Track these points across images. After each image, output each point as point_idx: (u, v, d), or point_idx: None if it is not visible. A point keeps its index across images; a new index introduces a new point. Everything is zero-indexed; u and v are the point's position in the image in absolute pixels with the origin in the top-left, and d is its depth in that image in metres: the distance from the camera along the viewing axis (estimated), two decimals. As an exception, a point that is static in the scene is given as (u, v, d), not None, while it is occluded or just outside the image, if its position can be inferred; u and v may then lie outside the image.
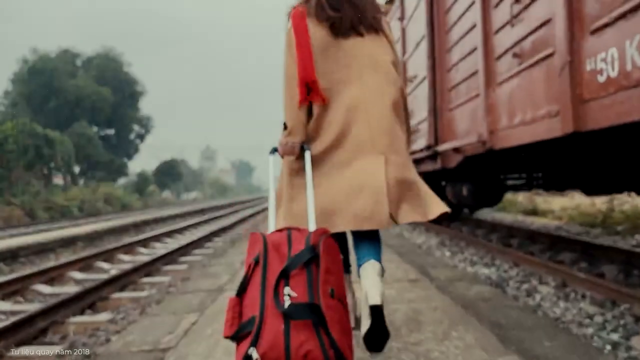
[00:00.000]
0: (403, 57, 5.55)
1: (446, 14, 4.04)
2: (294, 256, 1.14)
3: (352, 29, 1.54)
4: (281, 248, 1.19)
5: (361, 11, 1.55)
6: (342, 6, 1.53)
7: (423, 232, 7.06)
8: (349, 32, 1.54)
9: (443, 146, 4.01)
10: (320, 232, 1.24)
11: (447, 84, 4.06)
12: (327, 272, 1.15)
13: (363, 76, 1.53)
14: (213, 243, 7.34)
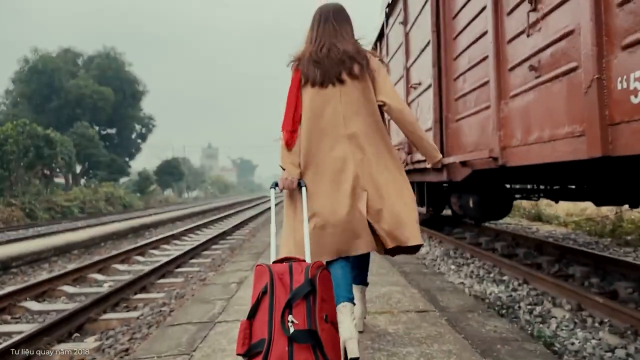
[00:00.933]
0: (406, 63, 5.33)
1: (453, 20, 3.83)
2: (296, 289, 1.38)
3: (336, 78, 1.81)
4: (284, 278, 1.42)
5: (342, 63, 1.81)
6: (324, 60, 1.81)
7: (426, 239, 6.86)
8: (333, 81, 1.81)
9: (450, 159, 3.80)
10: (316, 265, 1.47)
11: (453, 93, 3.86)
12: (323, 301, 1.41)
13: (346, 120, 1.79)
14: (211, 251, 7.16)
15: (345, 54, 1.82)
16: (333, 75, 1.81)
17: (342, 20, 1.93)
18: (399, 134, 6.00)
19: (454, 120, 3.87)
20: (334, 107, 1.81)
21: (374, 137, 1.82)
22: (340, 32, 1.89)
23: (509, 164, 2.84)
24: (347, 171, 1.76)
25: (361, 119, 1.80)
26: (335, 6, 1.97)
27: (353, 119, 1.80)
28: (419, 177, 5.22)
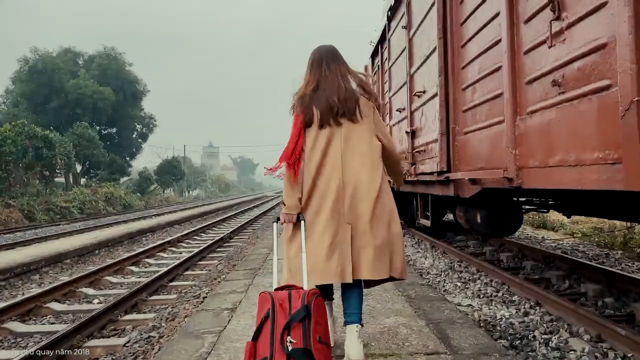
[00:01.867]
0: (409, 69, 5.08)
1: (461, 26, 3.58)
2: (294, 313, 1.63)
3: (333, 120, 1.96)
4: (284, 304, 1.66)
5: (339, 106, 1.95)
6: (323, 104, 1.95)
7: (429, 251, 6.62)
8: (330, 123, 1.96)
9: (457, 174, 3.56)
10: (312, 292, 1.72)
11: (462, 104, 3.61)
12: (317, 324, 1.66)
13: (344, 159, 1.96)
14: (207, 262, 6.92)
15: (343, 97, 1.96)
16: (332, 117, 1.95)
17: (337, 61, 2.06)
18: (401, 143, 5.76)
19: (462, 133, 3.63)
20: (335, 147, 1.96)
21: (370, 173, 1.98)
22: (336, 74, 2.02)
23: (526, 185, 2.60)
24: (343, 206, 1.96)
25: (358, 157, 1.98)
26: (329, 49, 2.10)
27: (352, 158, 1.97)
28: (422, 189, 4.98)
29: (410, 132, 4.99)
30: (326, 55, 2.06)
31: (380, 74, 7.50)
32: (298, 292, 1.71)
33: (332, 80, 1.99)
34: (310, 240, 1.95)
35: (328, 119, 1.95)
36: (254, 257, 5.42)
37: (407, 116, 5.23)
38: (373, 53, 8.15)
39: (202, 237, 10.32)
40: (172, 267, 5.94)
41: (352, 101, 1.98)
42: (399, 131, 5.84)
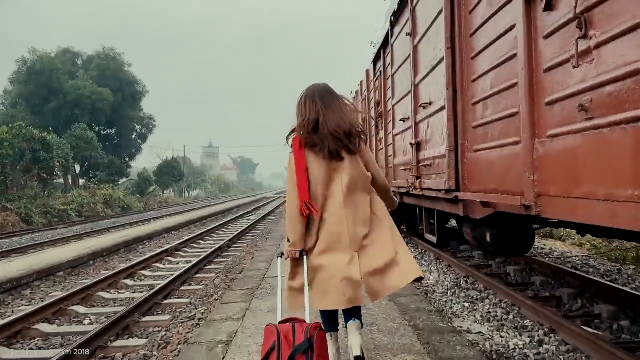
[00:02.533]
0: (414, 78, 4.87)
1: (471, 37, 3.36)
2: (297, 345, 1.76)
3: (336, 154, 2.04)
4: (288, 337, 1.80)
5: (341, 141, 2.03)
6: (327, 138, 2.01)
7: (433, 263, 6.40)
8: (333, 157, 2.04)
9: (467, 195, 3.34)
10: (314, 326, 1.84)
11: (472, 119, 3.40)
12: (319, 356, 1.78)
13: (345, 192, 2.05)
14: (204, 275, 6.71)
15: (346, 131, 2.06)
16: (332, 151, 2.04)
17: (333, 97, 2.13)
18: (405, 154, 5.55)
19: (472, 150, 3.41)
20: (336, 181, 2.07)
21: (368, 202, 2.13)
22: (335, 109, 2.09)
23: (546, 215, 2.39)
24: (349, 236, 2.05)
25: (357, 188, 2.10)
26: (322, 86, 2.18)
27: (352, 191, 2.07)
28: (428, 204, 4.77)
29: (415, 144, 4.78)
30: (320, 92, 2.13)
31: (382, 79, 7.29)
32: (301, 326, 1.85)
33: (332, 115, 2.05)
34: (320, 269, 2.06)
35: (331, 152, 2.03)
36: (252, 274, 5.21)
37: (411, 127, 5.01)
38: (375, 58, 7.94)
39: (200, 245, 10.11)
40: (167, 282, 5.73)
41: (354, 135, 2.08)
42: (403, 141, 5.63)
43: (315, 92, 2.12)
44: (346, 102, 2.15)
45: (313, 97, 2.10)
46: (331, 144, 2.01)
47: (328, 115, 2.05)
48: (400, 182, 5.76)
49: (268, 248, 7.22)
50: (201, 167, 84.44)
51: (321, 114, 2.05)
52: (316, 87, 2.17)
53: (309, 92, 2.14)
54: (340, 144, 2.03)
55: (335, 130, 2.02)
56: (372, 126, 8.96)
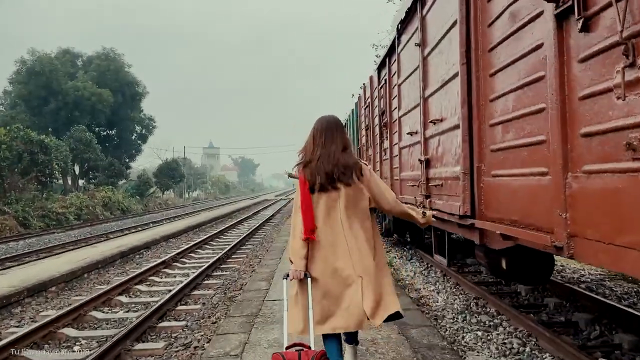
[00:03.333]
0: (423, 91, 4.61)
1: (490, 53, 3.11)
2: None
3: (331, 186, 2.24)
4: None
5: (336, 175, 2.24)
6: (321, 173, 2.24)
7: (440, 281, 6.14)
8: (330, 188, 2.24)
9: (486, 225, 3.09)
10: (320, 354, 2.01)
11: (489, 142, 3.14)
12: None
13: (343, 219, 2.24)
14: (201, 291, 6.46)
15: (342, 165, 2.24)
16: (332, 183, 2.23)
17: (338, 132, 2.35)
18: (413, 169, 5.30)
19: (489, 174, 3.16)
20: (336, 210, 2.24)
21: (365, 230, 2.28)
22: (336, 145, 2.30)
23: (581, 259, 2.14)
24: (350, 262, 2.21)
25: (356, 218, 2.26)
26: (330, 120, 2.40)
27: (350, 218, 2.24)
28: (438, 224, 4.51)
29: (424, 160, 4.52)
30: (327, 126, 2.35)
31: (387, 88, 7.04)
32: (307, 354, 1.98)
33: (331, 152, 2.27)
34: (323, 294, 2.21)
35: (328, 185, 2.23)
36: (251, 295, 4.96)
37: (420, 142, 4.76)
38: (380, 65, 7.69)
39: (198, 255, 9.86)
40: (163, 301, 5.47)
41: (349, 169, 2.25)
42: (410, 156, 5.37)
43: (323, 128, 2.35)
44: (345, 138, 2.37)
45: (322, 132, 2.34)
46: (323, 179, 2.22)
47: (324, 153, 2.27)
48: (407, 197, 5.51)
49: (268, 263, 6.96)
50: (201, 167, 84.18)
51: (319, 151, 2.28)
52: (323, 121, 2.40)
53: (318, 126, 2.38)
54: (333, 178, 2.23)
55: (328, 168, 2.23)
56: (376, 134, 8.71)
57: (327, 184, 2.23)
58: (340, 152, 2.28)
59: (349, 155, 2.30)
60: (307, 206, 2.22)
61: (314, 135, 2.36)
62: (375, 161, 8.79)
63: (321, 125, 2.36)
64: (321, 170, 2.24)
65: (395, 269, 7.02)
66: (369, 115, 9.44)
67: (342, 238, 2.22)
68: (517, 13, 2.73)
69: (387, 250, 8.91)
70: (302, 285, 2.24)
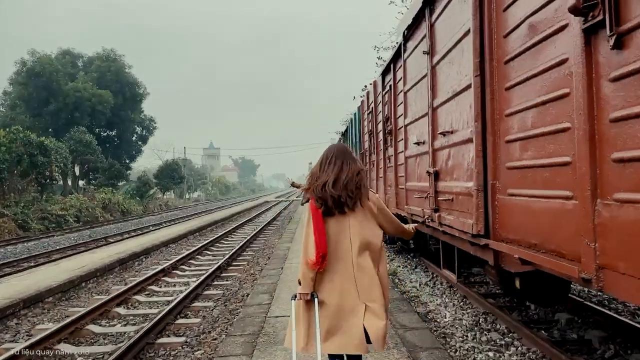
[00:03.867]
0: (432, 101, 4.45)
1: (507, 65, 2.95)
2: None
3: (339, 210, 2.32)
4: None
5: (343, 200, 2.30)
6: (329, 198, 2.30)
7: (447, 294, 5.98)
8: (337, 212, 2.32)
9: (503, 247, 2.93)
10: None
11: (505, 159, 2.98)
12: None
13: (350, 242, 2.31)
14: (201, 303, 6.30)
15: (350, 191, 2.31)
16: (340, 207, 2.29)
17: (347, 159, 2.40)
18: (420, 179, 5.14)
19: (504, 193, 3.00)
20: (344, 234, 2.30)
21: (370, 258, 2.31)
22: (346, 169, 2.35)
23: (612, 293, 1.98)
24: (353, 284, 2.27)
25: (363, 243, 2.30)
26: (340, 148, 2.48)
27: (357, 243, 2.29)
28: (447, 239, 4.35)
29: (433, 173, 4.36)
30: (337, 153, 2.43)
31: (392, 94, 6.88)
32: None
33: (340, 177, 2.33)
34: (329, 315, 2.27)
35: (336, 210, 2.30)
36: (253, 310, 4.80)
37: (428, 153, 4.60)
38: (384, 71, 7.53)
39: (198, 261, 9.71)
40: (163, 315, 5.31)
41: (357, 195, 2.33)
42: (417, 166, 5.21)
43: (331, 155, 2.43)
44: (355, 165, 2.40)
45: (327, 161, 2.42)
46: (331, 203, 2.29)
47: (333, 178, 2.33)
48: (414, 209, 5.35)
49: (270, 273, 6.80)
50: (202, 168, 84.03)
51: (329, 177, 2.34)
52: (333, 148, 2.50)
53: (327, 153, 2.46)
54: (341, 203, 2.29)
55: (337, 193, 2.29)
56: (379, 140, 8.56)
57: (335, 208, 2.30)
58: (350, 178, 2.34)
59: (359, 180, 2.35)
60: (319, 230, 2.27)
61: (323, 161, 2.44)
62: (379, 167, 8.63)
63: (331, 152, 2.45)
64: (330, 195, 2.31)
65: (400, 280, 6.86)
66: (373, 120, 9.28)
67: (349, 262, 2.29)
68: (537, 25, 2.57)
69: (392, 258, 8.76)
70: (307, 305, 2.32)
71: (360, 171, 2.39)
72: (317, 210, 2.28)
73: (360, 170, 2.39)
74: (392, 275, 7.08)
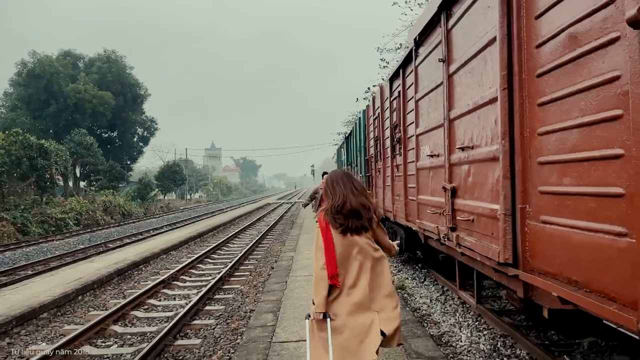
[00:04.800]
0: (448, 112, 4.16)
1: (540, 78, 2.67)
2: None
3: (354, 232, 2.52)
4: None
5: (360, 222, 2.53)
6: (347, 220, 2.51)
7: (460, 312, 5.68)
8: (352, 233, 2.51)
9: (537, 281, 2.64)
10: None
11: (537, 182, 2.70)
12: None
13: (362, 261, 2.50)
14: (202, 320, 6.02)
15: (358, 212, 2.54)
16: (351, 228, 2.50)
17: (352, 182, 2.65)
18: (434, 194, 4.85)
19: (537, 219, 2.72)
20: (355, 251, 2.51)
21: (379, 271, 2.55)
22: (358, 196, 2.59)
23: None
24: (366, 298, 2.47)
25: (372, 258, 2.54)
26: (344, 172, 2.75)
27: (367, 259, 2.52)
28: (466, 260, 4.07)
29: (450, 189, 4.08)
30: (342, 178, 2.65)
31: (401, 101, 6.60)
32: None
33: (354, 198, 2.55)
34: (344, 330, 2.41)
35: (349, 230, 2.48)
36: (257, 334, 4.51)
37: (444, 167, 4.32)
38: (393, 76, 7.25)
39: (199, 270, 9.44)
40: (161, 335, 5.03)
41: (369, 217, 2.55)
42: (430, 179, 4.93)
43: (339, 178, 2.66)
44: (359, 188, 2.62)
45: (338, 182, 2.62)
46: (352, 222, 2.49)
47: (350, 197, 2.54)
48: (427, 224, 5.06)
49: (274, 288, 6.52)
50: (203, 168, 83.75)
51: (346, 197, 2.55)
52: (338, 173, 2.72)
53: (334, 178, 2.67)
54: (360, 222, 2.51)
55: (356, 210, 2.51)
56: (386, 147, 8.27)
57: (353, 227, 2.50)
58: (358, 201, 2.55)
59: (365, 201, 2.58)
60: (330, 251, 2.45)
61: (335, 184, 2.64)
62: (386, 175, 8.35)
63: (336, 177, 2.69)
64: (349, 215, 2.52)
65: (410, 295, 6.57)
66: (379, 126, 9.00)
67: (361, 277, 2.47)
68: (579, 35, 2.29)
69: (399, 269, 8.47)
70: (322, 325, 2.45)
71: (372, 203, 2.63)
72: (327, 231, 2.47)
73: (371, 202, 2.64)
74: (401, 290, 6.80)
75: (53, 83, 32.03)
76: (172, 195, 50.56)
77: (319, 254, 2.47)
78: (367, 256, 2.50)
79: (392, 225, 8.48)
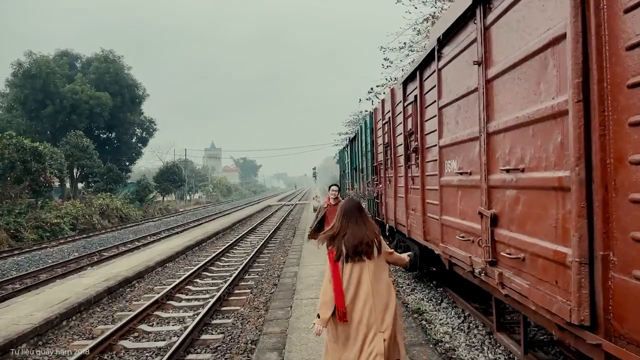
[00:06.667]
0: (486, 124, 3.50)
1: (631, 90, 2.03)
2: None
3: (358, 258, 2.83)
4: None
5: (364, 249, 2.84)
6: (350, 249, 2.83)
7: (486, 347, 5.04)
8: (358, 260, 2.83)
9: (631, 356, 2.00)
10: None
11: (628, 224, 2.07)
12: None
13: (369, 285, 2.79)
14: (197, 355, 5.37)
15: (366, 242, 2.85)
16: (358, 256, 2.82)
17: (361, 215, 2.97)
18: (465, 217, 4.20)
19: (626, 272, 2.08)
20: (363, 277, 2.80)
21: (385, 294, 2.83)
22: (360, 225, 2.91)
23: None
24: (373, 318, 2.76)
25: (379, 283, 2.82)
26: (355, 205, 3.05)
27: (374, 283, 2.80)
28: (511, 302, 3.43)
29: (490, 216, 3.43)
30: (351, 209, 2.99)
31: (418, 106, 5.95)
32: None
33: (356, 230, 2.89)
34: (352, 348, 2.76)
35: (355, 257, 2.82)
36: None
37: (480, 188, 3.67)
38: (407, 79, 6.60)
39: (197, 287, 8.79)
40: None
41: (371, 245, 2.87)
42: (459, 200, 4.28)
43: (349, 210, 2.98)
44: (368, 219, 2.98)
45: (349, 214, 2.96)
46: (352, 252, 2.82)
47: (353, 230, 2.89)
48: (454, 251, 4.41)
49: (277, 315, 5.88)
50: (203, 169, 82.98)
51: (348, 229, 2.89)
52: (348, 203, 3.05)
53: (345, 208, 3.01)
54: (360, 252, 2.83)
55: (357, 243, 2.84)
56: (398, 155, 7.63)
57: (354, 256, 2.81)
58: (364, 231, 2.87)
59: (371, 232, 2.90)
60: (337, 284, 2.79)
61: (342, 217, 2.96)
62: (398, 185, 7.71)
63: (346, 207, 2.99)
64: (349, 245, 2.83)
65: (428, 322, 5.93)
66: (390, 132, 8.35)
67: (369, 300, 2.75)
68: None
69: (412, 287, 7.83)
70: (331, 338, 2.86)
71: (376, 229, 2.96)
72: (335, 264, 2.80)
73: (376, 229, 2.96)
74: (418, 315, 6.16)
75: (49, 84, 31.39)
76: (171, 197, 49.83)
77: (328, 285, 2.86)
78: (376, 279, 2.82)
79: (405, 240, 7.85)
